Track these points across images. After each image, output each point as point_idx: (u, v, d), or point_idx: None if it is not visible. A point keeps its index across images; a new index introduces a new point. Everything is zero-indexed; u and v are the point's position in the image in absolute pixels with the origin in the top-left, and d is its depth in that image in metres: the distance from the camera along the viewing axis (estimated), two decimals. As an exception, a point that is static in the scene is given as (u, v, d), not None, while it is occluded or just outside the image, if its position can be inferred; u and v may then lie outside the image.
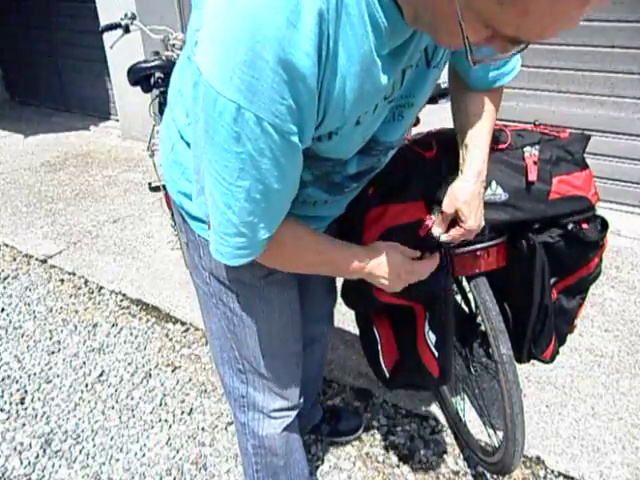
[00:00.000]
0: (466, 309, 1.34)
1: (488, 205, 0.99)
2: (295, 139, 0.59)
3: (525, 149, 1.01)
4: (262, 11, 0.50)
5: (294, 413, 1.09)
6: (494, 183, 0.99)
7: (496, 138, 1.02)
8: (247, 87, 0.53)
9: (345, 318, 2.06)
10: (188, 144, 0.80)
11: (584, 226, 1.04)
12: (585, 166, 1.05)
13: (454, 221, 0.90)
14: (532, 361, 1.22)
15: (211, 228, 0.71)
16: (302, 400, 1.10)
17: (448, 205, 0.89)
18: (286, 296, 0.97)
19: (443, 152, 0.98)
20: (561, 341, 1.23)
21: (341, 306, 2.10)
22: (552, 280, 1.11)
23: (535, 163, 1.00)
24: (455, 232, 0.90)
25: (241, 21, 0.51)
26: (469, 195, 0.87)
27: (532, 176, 0.99)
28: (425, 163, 0.98)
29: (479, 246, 1.05)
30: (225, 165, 0.60)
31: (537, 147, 1.01)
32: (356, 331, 1.28)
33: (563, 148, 1.03)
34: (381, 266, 0.85)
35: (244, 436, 1.10)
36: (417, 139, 1.05)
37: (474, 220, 0.88)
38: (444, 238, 0.91)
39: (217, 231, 0.70)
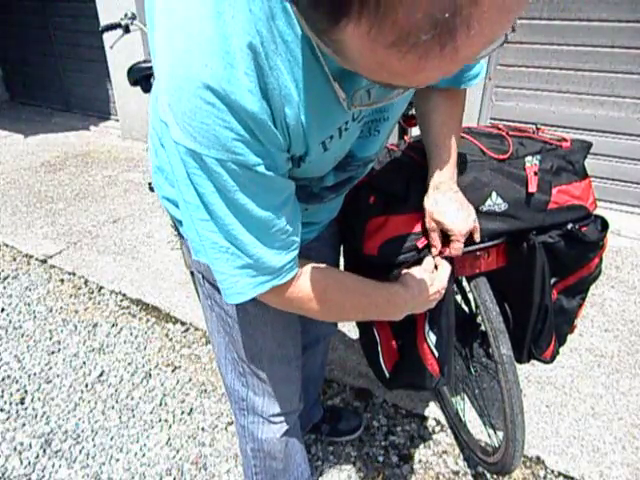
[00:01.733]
0: (466, 309, 1.34)
1: (487, 215, 1.00)
2: (261, 169, 0.57)
3: (526, 159, 1.01)
4: (197, 57, 0.49)
5: (294, 417, 1.09)
6: (494, 194, 0.99)
7: (498, 147, 1.02)
8: (200, 133, 0.52)
9: (345, 318, 2.06)
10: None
11: (583, 229, 1.05)
12: (585, 176, 1.06)
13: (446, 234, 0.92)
14: (532, 361, 1.22)
15: (218, 276, 0.67)
16: (302, 405, 1.09)
17: (427, 223, 0.91)
18: None
19: None
20: (561, 341, 1.23)
21: (341, 306, 2.10)
22: (552, 280, 1.12)
23: (536, 174, 1.00)
24: (453, 245, 0.92)
25: (181, 69, 0.50)
26: (441, 206, 0.88)
27: (532, 187, 1.00)
28: (426, 173, 0.98)
29: (479, 246, 1.05)
30: (209, 208, 0.59)
31: (538, 157, 1.01)
32: (356, 331, 1.28)
33: (564, 158, 1.03)
34: (423, 291, 0.86)
35: (243, 438, 1.09)
36: (417, 145, 1.05)
37: (460, 223, 0.88)
38: (448, 254, 0.93)
39: (226, 276, 0.66)
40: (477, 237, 0.95)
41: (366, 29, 0.32)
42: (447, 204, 0.89)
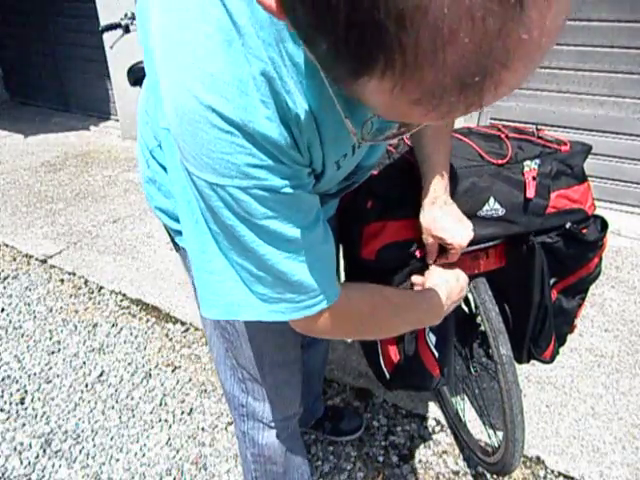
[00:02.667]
0: (466, 309, 1.34)
1: (485, 220, 1.00)
2: (289, 190, 0.55)
3: (525, 163, 1.00)
4: (211, 89, 0.47)
5: (294, 421, 1.08)
6: (492, 199, 0.99)
7: (497, 152, 1.02)
8: (220, 164, 0.50)
9: (345, 318, 2.06)
10: (159, 163, 0.79)
11: (582, 231, 1.05)
12: (584, 179, 1.06)
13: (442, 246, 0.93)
14: (532, 361, 1.22)
15: (253, 299, 0.63)
16: (302, 408, 1.09)
17: (425, 238, 0.91)
18: None
19: None
20: (561, 341, 1.23)
21: (341, 306, 2.10)
22: (552, 280, 1.12)
23: (534, 178, 1.00)
24: (451, 255, 0.92)
25: (193, 103, 0.48)
26: (439, 222, 0.88)
27: (530, 193, 0.99)
28: None
29: (478, 247, 1.05)
30: (240, 239, 0.57)
31: (537, 161, 1.01)
32: (356, 331, 1.28)
33: (563, 162, 1.03)
34: (453, 289, 0.87)
35: (243, 444, 1.09)
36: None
37: (459, 236, 0.88)
38: (445, 260, 0.94)
39: (267, 298, 0.63)
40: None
41: (389, 86, 0.30)
42: (445, 219, 0.88)
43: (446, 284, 0.87)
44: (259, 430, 1.04)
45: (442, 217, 0.88)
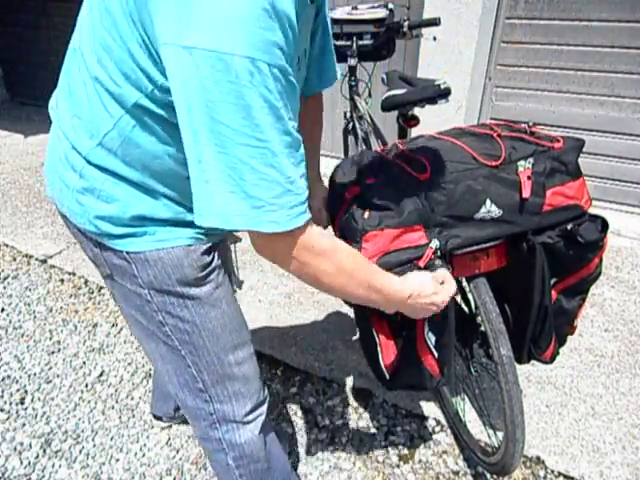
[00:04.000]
0: (466, 309, 1.34)
1: (482, 222, 1.00)
2: (292, 78, 0.65)
3: (519, 163, 1.00)
4: None
5: (265, 407, 1.07)
6: (488, 201, 0.99)
7: (490, 153, 1.01)
8: (257, 39, 0.59)
9: (345, 318, 2.06)
10: (98, 166, 0.79)
11: (581, 227, 1.05)
12: (579, 175, 1.06)
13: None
14: (532, 361, 1.22)
15: (248, 210, 0.67)
16: (267, 393, 1.08)
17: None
18: (226, 284, 0.94)
19: (436, 173, 0.99)
20: (561, 342, 1.23)
21: (341, 307, 2.11)
22: (552, 280, 1.12)
23: (529, 178, 1.00)
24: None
25: None
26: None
27: (526, 193, 1.00)
28: (420, 187, 0.98)
29: (478, 247, 1.06)
30: (255, 124, 0.62)
31: (531, 160, 1.01)
32: (356, 331, 1.28)
33: (557, 159, 1.03)
34: (422, 296, 0.90)
35: (222, 452, 1.05)
36: (409, 155, 1.05)
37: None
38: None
39: (263, 203, 0.67)
40: None
41: None
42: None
43: (419, 287, 0.90)
44: (234, 431, 1.02)
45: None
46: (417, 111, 1.73)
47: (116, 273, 0.88)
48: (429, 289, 0.90)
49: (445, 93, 1.55)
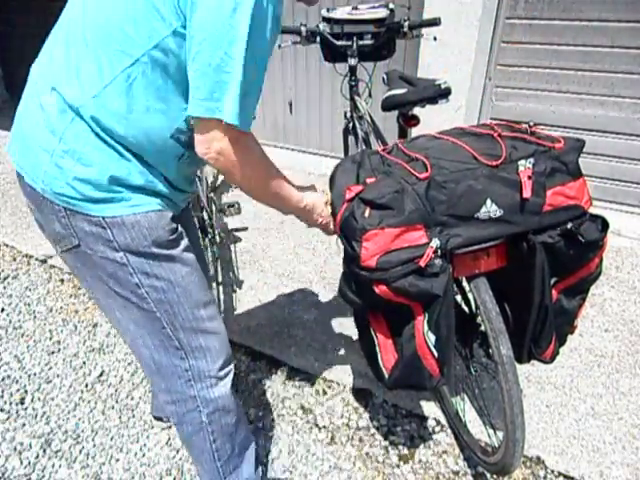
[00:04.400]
0: (466, 309, 1.34)
1: (483, 222, 1.00)
2: (276, 20, 0.85)
3: (520, 162, 1.00)
4: None
5: (232, 366, 1.14)
6: (489, 201, 0.99)
7: (490, 153, 1.01)
8: None
9: (345, 319, 2.06)
10: (93, 118, 0.84)
11: (581, 226, 1.05)
12: (579, 175, 1.06)
13: None
14: (532, 361, 1.22)
15: (244, 108, 0.83)
16: (231, 352, 1.15)
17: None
18: (191, 250, 1.04)
19: (437, 173, 0.99)
20: (561, 342, 1.23)
21: (342, 307, 2.11)
22: (552, 280, 1.12)
23: (530, 177, 1.00)
24: None
25: None
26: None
27: (526, 193, 1.00)
28: (420, 186, 0.98)
29: (478, 247, 1.05)
30: (267, 42, 0.83)
31: (531, 160, 1.01)
32: (356, 332, 1.28)
33: (558, 159, 1.03)
34: (316, 203, 1.11)
35: (195, 411, 1.11)
36: (410, 155, 1.05)
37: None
38: None
39: (252, 105, 0.86)
40: None
41: None
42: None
43: (313, 203, 1.11)
44: (209, 387, 1.09)
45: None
46: (417, 111, 1.73)
47: (86, 242, 0.92)
48: (319, 207, 1.11)
49: (445, 93, 1.56)
